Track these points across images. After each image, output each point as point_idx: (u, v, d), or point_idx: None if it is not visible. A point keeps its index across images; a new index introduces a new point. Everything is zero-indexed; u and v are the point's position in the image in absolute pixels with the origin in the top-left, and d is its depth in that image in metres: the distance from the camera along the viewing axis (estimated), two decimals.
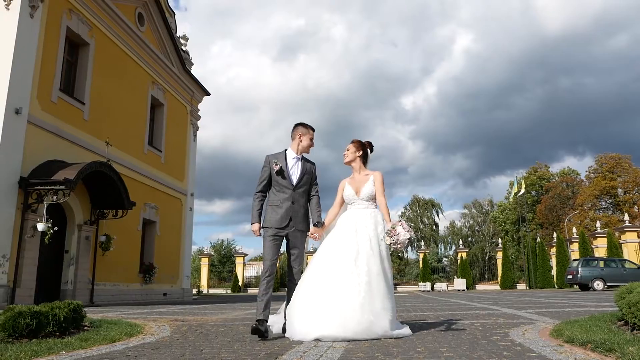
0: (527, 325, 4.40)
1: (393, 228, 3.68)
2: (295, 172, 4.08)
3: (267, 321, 3.73)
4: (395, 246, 3.64)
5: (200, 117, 20.75)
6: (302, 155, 4.16)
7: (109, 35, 14.08)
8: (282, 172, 4.02)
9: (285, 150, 4.18)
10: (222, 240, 52.31)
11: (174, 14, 19.41)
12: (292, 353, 2.87)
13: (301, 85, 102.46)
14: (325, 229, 4.06)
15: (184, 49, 19.57)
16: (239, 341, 3.51)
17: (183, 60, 18.75)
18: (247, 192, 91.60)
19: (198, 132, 20.58)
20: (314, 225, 4.05)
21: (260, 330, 3.57)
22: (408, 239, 3.64)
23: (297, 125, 4.22)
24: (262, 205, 4.07)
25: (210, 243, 61.24)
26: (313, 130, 4.21)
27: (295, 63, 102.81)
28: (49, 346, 3.11)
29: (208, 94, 20.83)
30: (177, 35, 19.25)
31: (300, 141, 4.13)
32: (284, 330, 3.73)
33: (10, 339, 3.45)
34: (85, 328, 4.46)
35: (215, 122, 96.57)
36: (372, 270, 3.63)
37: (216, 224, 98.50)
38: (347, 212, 4.06)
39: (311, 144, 4.18)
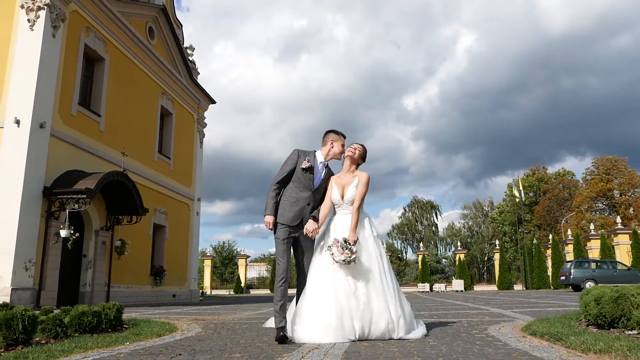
0: (507, 322, 5.12)
1: (330, 246, 3.73)
2: (318, 176, 4.07)
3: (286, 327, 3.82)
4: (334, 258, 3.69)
5: (206, 124, 21.51)
6: (328, 164, 4.16)
7: (122, 50, 14.84)
8: (310, 169, 3.99)
9: (315, 151, 4.16)
10: (224, 242, 53.03)
11: (182, 25, 20.18)
12: (311, 343, 3.60)
13: (303, 86, 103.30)
14: (319, 225, 4.00)
15: (191, 59, 20.35)
16: (265, 335, 4.23)
17: (190, 71, 19.52)
18: (248, 193, 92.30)
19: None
20: (311, 218, 3.96)
21: (286, 338, 3.66)
22: (343, 260, 3.63)
23: (328, 131, 4.21)
24: (279, 199, 4.00)
25: (211, 245, 61.92)
26: (344, 137, 4.20)
27: (298, 63, 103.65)
28: (113, 339, 3.83)
29: (214, 102, 21.57)
30: (185, 46, 20.02)
31: (332, 147, 4.11)
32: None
33: (76, 334, 4.18)
34: (125, 326, 5.19)
35: (216, 123, 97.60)
36: (363, 285, 3.72)
37: (217, 225, 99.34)
38: (335, 218, 4.04)
39: (342, 151, 4.15)
